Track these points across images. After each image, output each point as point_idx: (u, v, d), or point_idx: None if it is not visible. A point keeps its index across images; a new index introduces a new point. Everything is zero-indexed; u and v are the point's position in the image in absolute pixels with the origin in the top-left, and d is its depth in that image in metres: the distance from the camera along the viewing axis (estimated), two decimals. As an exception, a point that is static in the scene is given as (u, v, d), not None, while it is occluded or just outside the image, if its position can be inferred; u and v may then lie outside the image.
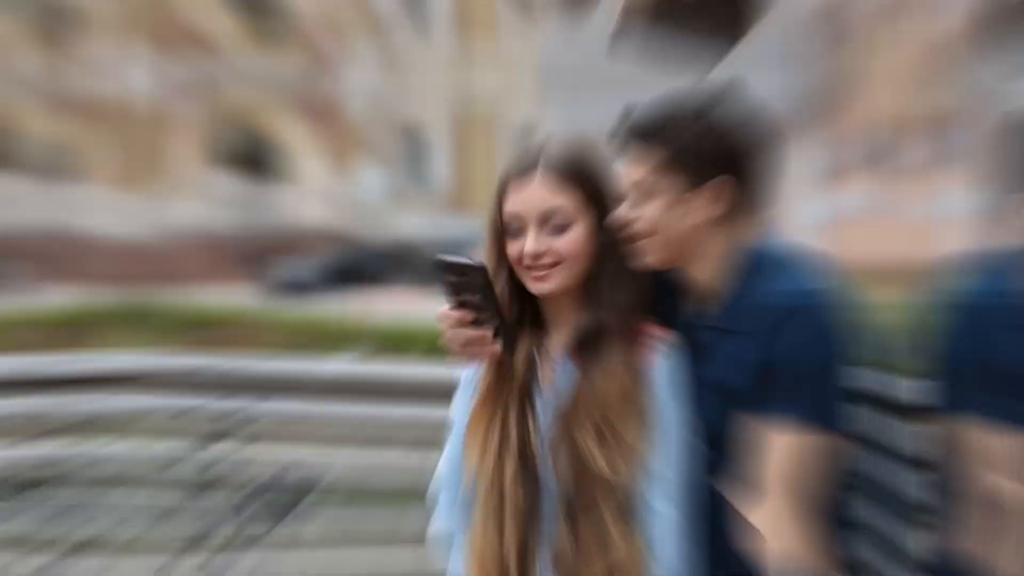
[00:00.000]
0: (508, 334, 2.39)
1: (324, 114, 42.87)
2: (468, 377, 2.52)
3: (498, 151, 43.91)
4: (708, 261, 2.37)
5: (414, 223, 38.76)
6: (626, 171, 2.37)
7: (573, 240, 2.39)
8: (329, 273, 32.11)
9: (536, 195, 2.39)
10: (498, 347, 2.39)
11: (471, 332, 2.38)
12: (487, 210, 2.47)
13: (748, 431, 2.32)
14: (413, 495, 3.56)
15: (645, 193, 2.35)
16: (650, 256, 2.38)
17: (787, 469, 2.24)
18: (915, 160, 23.17)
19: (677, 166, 2.32)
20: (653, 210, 2.35)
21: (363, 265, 33.12)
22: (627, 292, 2.41)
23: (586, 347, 2.41)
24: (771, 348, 2.27)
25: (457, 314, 2.39)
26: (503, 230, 2.42)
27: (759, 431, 2.29)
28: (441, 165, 45.44)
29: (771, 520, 2.25)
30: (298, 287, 30.32)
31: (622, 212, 2.37)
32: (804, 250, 2.39)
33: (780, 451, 2.25)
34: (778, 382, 2.27)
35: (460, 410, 2.53)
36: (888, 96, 22.81)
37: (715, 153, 2.31)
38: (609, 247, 2.41)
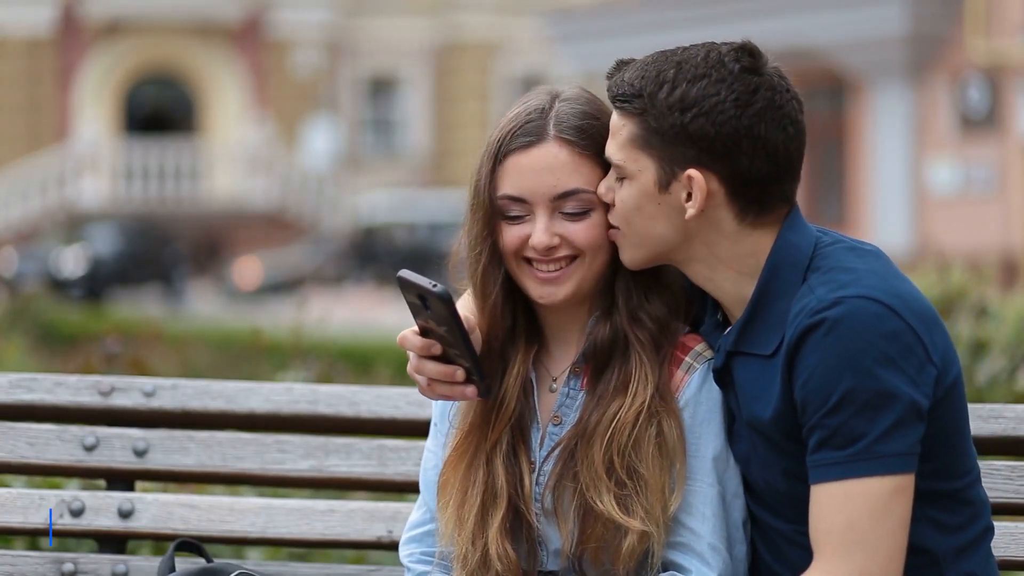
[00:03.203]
0: (483, 377, 2.36)
1: (261, 57, 42.80)
2: (443, 410, 2.51)
3: (491, 109, 43.83)
4: (707, 266, 2.34)
5: (377, 200, 38.52)
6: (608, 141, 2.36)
7: (594, 227, 2.37)
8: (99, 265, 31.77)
9: (548, 172, 2.36)
10: (471, 391, 2.36)
11: (438, 367, 2.37)
12: (474, 185, 2.42)
13: (789, 481, 2.30)
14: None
15: (618, 175, 2.33)
16: (623, 254, 2.36)
17: (841, 529, 2.20)
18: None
19: (644, 148, 2.29)
20: (621, 199, 2.33)
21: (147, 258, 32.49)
22: (653, 293, 2.39)
23: (598, 363, 2.39)
24: (792, 376, 2.24)
25: (421, 342, 2.37)
26: (496, 212, 2.39)
27: (802, 481, 2.26)
28: (416, 127, 45.35)
29: None
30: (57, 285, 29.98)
31: (601, 189, 2.36)
32: (853, 244, 2.33)
33: (827, 506, 2.21)
34: (808, 419, 2.23)
35: (434, 449, 2.52)
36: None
37: (686, 138, 2.26)
38: None
